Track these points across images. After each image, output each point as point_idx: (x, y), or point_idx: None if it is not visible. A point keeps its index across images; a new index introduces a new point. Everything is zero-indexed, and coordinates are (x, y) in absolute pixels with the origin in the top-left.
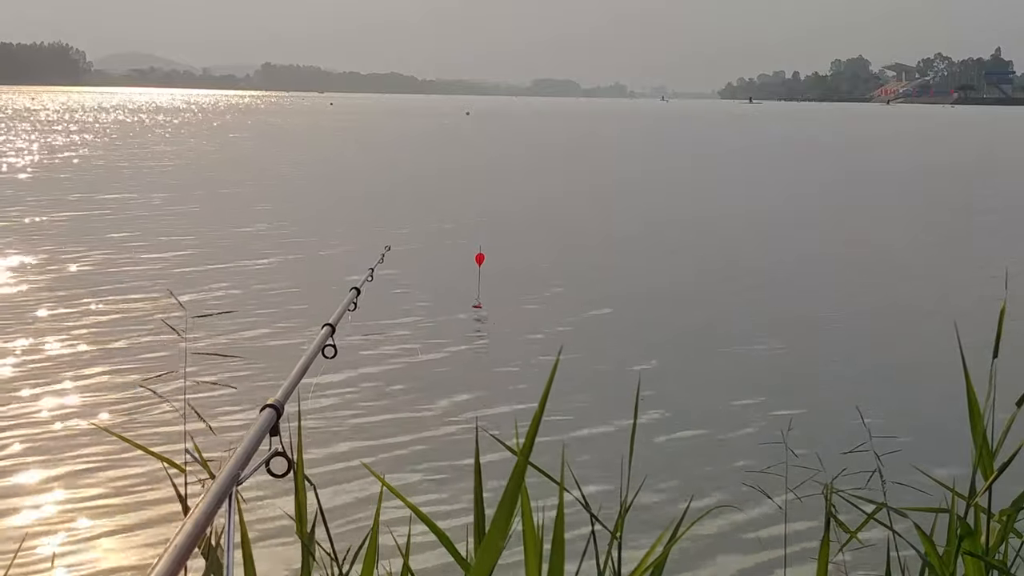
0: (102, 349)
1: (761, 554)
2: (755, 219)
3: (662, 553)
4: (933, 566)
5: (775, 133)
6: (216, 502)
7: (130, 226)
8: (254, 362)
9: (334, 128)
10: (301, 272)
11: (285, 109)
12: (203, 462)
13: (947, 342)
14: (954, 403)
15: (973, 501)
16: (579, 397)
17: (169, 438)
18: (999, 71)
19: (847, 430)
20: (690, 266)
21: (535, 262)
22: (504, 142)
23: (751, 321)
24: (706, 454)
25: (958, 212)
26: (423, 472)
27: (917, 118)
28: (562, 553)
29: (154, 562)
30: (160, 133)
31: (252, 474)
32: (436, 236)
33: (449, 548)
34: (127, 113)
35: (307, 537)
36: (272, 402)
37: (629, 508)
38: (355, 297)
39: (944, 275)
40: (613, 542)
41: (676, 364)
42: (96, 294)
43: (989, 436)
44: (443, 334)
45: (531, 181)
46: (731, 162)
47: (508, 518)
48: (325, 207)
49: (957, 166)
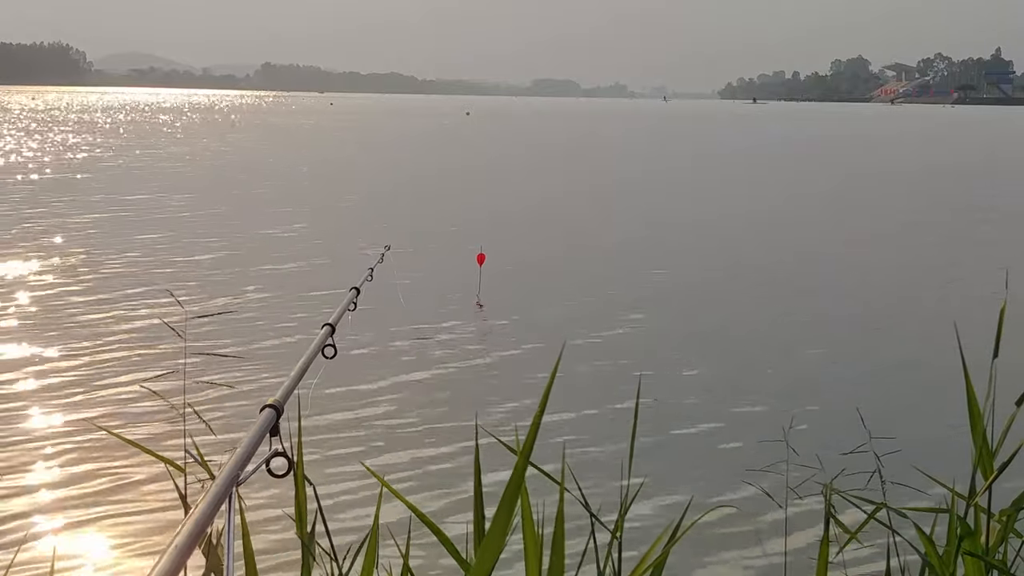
0: (102, 349)
1: (761, 554)
2: (755, 219)
3: (662, 553)
4: (933, 566)
5: (777, 133)
6: (216, 502)
7: (130, 226)
8: (254, 362)
9: (335, 128)
10: (301, 272)
11: (286, 109)
12: (203, 462)
13: (947, 342)
14: (954, 403)
15: (973, 501)
16: (579, 396)
17: (169, 438)
18: (999, 71)
19: (847, 430)
20: (691, 266)
21: (536, 262)
22: (504, 142)
23: (752, 320)
24: (706, 454)
25: (958, 212)
26: (423, 472)
27: (917, 118)
28: (562, 553)
29: (155, 562)
30: (170, 133)
31: (252, 474)
32: (436, 236)
33: (449, 548)
34: (135, 112)
35: (307, 537)
36: (272, 402)
37: (629, 508)
38: (355, 297)
39: (944, 275)
40: (613, 542)
41: (676, 363)
42: (96, 294)
43: (989, 436)
44: (443, 334)
45: (531, 181)
46: (733, 162)
47: (508, 518)
48: (325, 207)
49: (957, 166)
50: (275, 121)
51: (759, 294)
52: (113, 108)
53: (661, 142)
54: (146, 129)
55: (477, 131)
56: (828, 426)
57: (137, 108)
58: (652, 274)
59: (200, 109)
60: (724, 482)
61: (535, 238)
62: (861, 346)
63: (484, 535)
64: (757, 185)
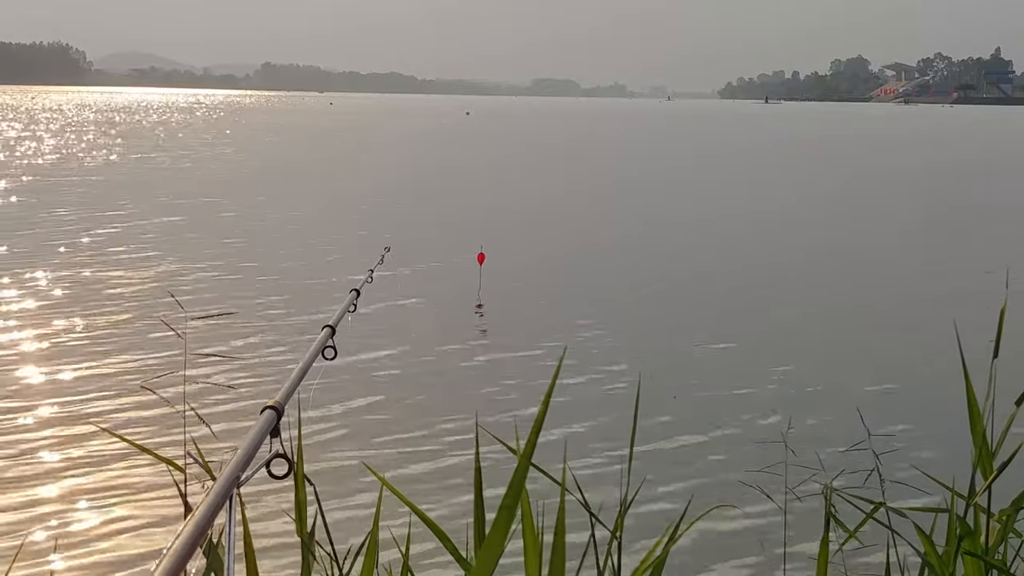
0: (103, 350)
1: (761, 554)
2: (755, 219)
3: (662, 553)
4: (932, 566)
5: (782, 132)
6: (217, 504)
7: (131, 226)
8: (254, 363)
9: (334, 128)
10: (301, 273)
11: (287, 109)
12: (204, 464)
13: (949, 342)
14: (954, 402)
15: (973, 501)
16: (579, 396)
17: (170, 439)
18: (999, 71)
19: (847, 430)
20: (692, 265)
21: (537, 261)
22: (504, 142)
23: (752, 320)
24: (706, 454)
25: (959, 211)
26: (424, 472)
27: (917, 117)
28: (562, 553)
29: (156, 563)
30: (171, 133)
31: (252, 476)
32: (436, 237)
33: (449, 548)
34: (139, 113)
35: (307, 537)
36: (273, 404)
37: (629, 508)
38: (355, 299)
39: (945, 274)
40: (613, 542)
41: (677, 364)
42: (97, 294)
43: (989, 436)
44: (443, 334)
45: (532, 181)
46: (735, 162)
47: (509, 519)
48: (326, 208)
49: (958, 165)
50: (275, 121)
51: (759, 293)
52: (116, 108)
53: (664, 142)
54: (147, 129)
55: (477, 131)
56: (828, 426)
57: (138, 108)
58: (653, 273)
59: (200, 109)
60: (724, 482)
61: (536, 238)
62: (861, 345)
63: (484, 535)
64: (757, 185)
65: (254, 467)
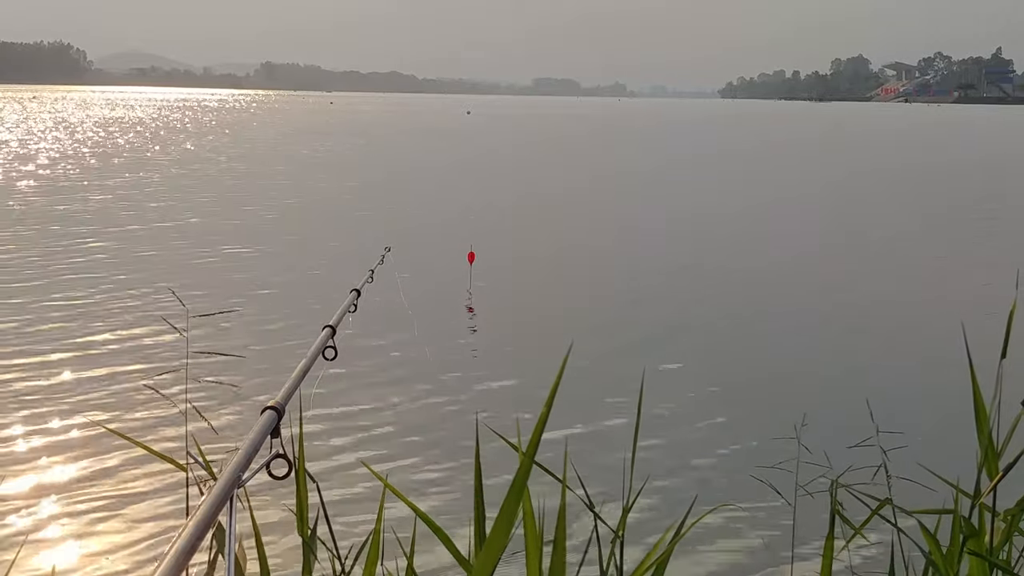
0: (105, 347)
1: (767, 551)
2: (761, 216)
3: (665, 551)
4: (937, 565)
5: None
6: (218, 504)
7: (133, 225)
8: (255, 362)
9: (335, 128)
10: (302, 273)
11: (287, 108)
12: (205, 463)
13: (957, 342)
14: (962, 402)
15: (978, 501)
16: (582, 393)
17: (171, 437)
18: (999, 70)
19: (855, 430)
20: (697, 262)
21: (537, 261)
22: (505, 142)
23: (757, 318)
24: (711, 451)
25: (968, 210)
26: (424, 472)
27: (917, 117)
28: (564, 552)
29: (158, 563)
30: (170, 134)
31: (253, 476)
32: (437, 237)
33: (450, 548)
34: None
35: (308, 537)
36: (273, 404)
37: (632, 506)
38: (355, 299)
39: (954, 274)
40: (616, 540)
41: (681, 360)
42: (99, 293)
43: (995, 436)
44: (444, 334)
45: (533, 181)
46: (737, 162)
47: (511, 518)
48: (326, 208)
49: (964, 164)
50: (276, 120)
51: (766, 291)
52: (117, 107)
53: (664, 142)
54: (150, 129)
55: (477, 131)
56: (836, 425)
57: (138, 108)
58: (657, 271)
59: (200, 109)
60: (728, 479)
61: (537, 237)
62: (869, 345)
63: (484, 535)
64: (758, 184)
65: (254, 468)
